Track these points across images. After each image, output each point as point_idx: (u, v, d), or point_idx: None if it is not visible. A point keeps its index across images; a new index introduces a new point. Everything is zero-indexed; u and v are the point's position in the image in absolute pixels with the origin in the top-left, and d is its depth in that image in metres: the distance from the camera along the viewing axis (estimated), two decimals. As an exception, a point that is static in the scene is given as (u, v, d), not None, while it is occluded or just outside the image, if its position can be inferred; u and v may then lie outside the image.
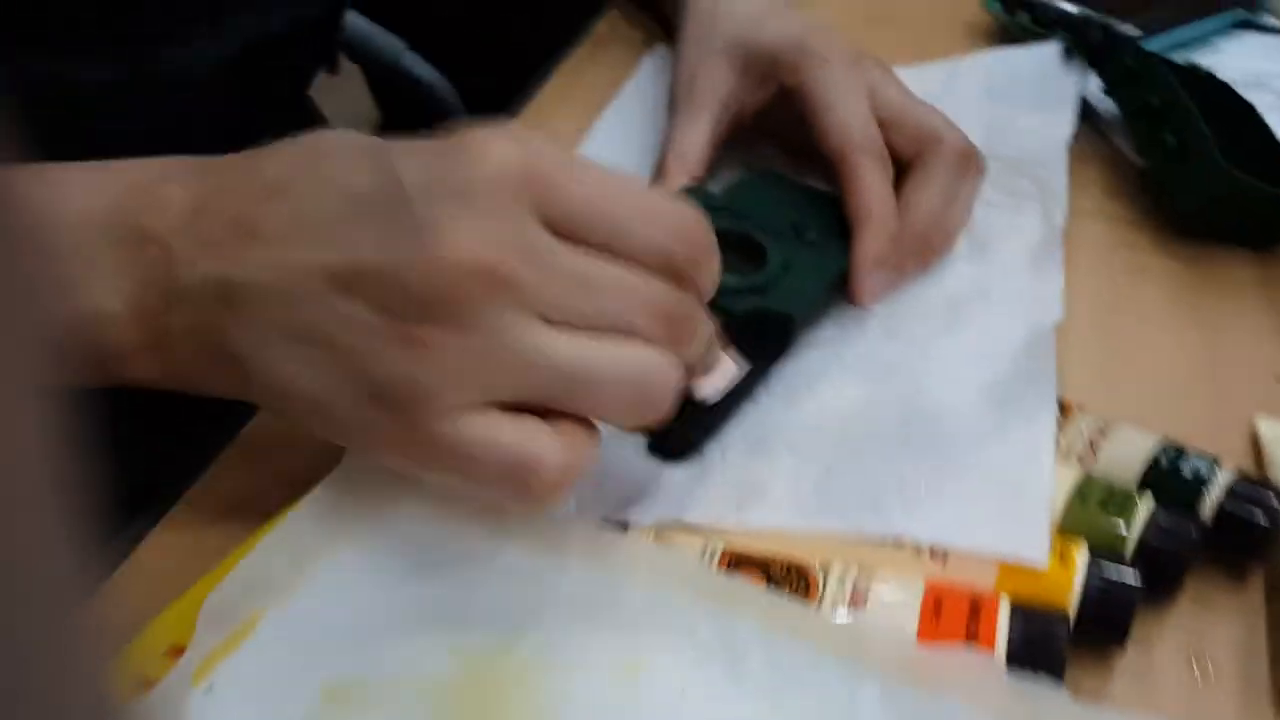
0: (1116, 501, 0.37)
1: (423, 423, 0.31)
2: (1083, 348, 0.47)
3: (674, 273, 0.33)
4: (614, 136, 0.60)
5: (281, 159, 0.33)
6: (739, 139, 0.55)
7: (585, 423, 0.33)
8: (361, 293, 0.30)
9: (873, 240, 0.45)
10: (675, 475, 0.39)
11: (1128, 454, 0.39)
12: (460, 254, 0.29)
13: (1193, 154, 0.52)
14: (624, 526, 0.38)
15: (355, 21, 0.88)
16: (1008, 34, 0.71)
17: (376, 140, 0.33)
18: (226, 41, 0.57)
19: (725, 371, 0.38)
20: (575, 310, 0.31)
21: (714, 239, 0.34)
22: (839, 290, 0.46)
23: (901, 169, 0.48)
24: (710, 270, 0.34)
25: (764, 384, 0.44)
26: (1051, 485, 0.37)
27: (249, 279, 0.32)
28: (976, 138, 0.58)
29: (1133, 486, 0.38)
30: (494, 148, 0.31)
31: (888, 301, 0.48)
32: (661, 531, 0.38)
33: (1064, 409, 0.41)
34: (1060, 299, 0.48)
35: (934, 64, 0.64)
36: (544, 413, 0.32)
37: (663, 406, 0.33)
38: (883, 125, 0.48)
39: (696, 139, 0.52)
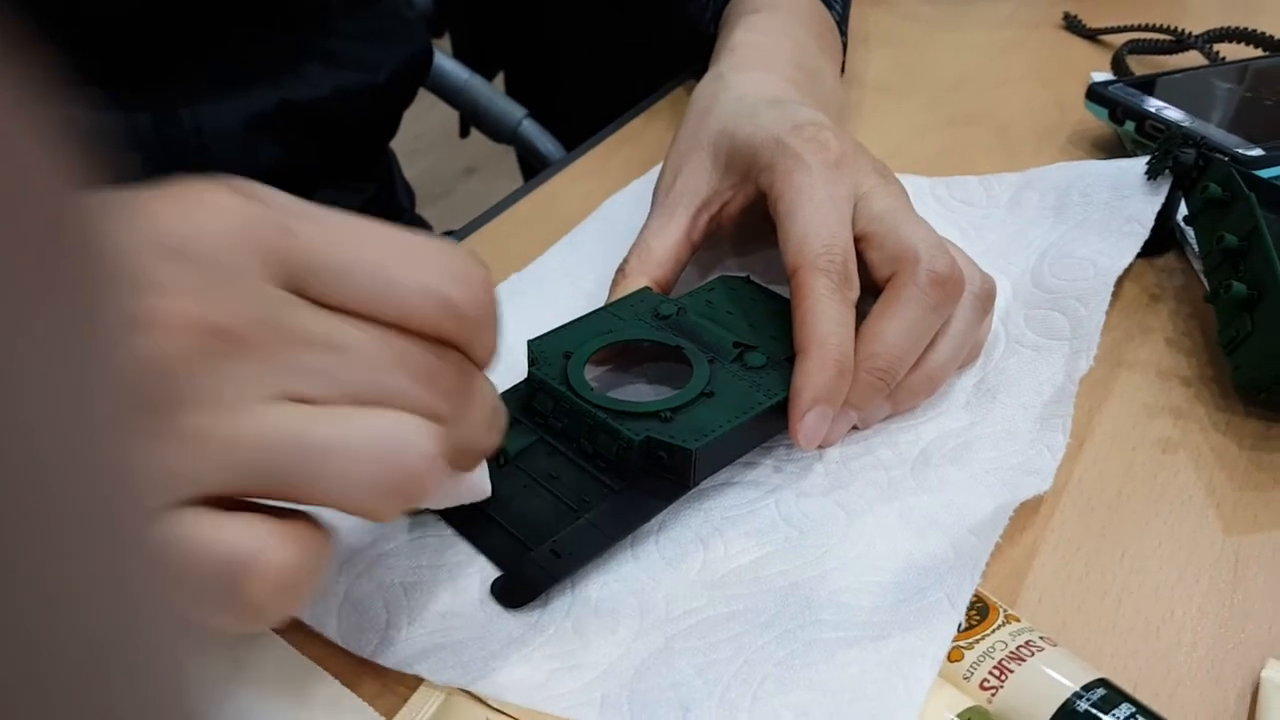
0: (997, 752, 0.29)
1: None
2: (1060, 544, 0.39)
3: (444, 330, 0.28)
4: (615, 219, 0.55)
5: None
6: (735, 240, 0.50)
7: (312, 517, 0.27)
8: None
9: (813, 373, 0.38)
10: (500, 630, 0.34)
11: (1042, 689, 0.31)
12: (174, 316, 0.25)
13: (1262, 310, 0.42)
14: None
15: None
16: (1119, 144, 0.62)
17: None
18: (262, 100, 0.56)
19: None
20: (318, 378, 0.26)
21: (494, 296, 0.29)
22: (779, 426, 0.40)
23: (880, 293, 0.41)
24: (490, 334, 0.29)
25: (654, 525, 0.38)
26: (915, 709, 0.29)
27: None
28: (1029, 261, 0.51)
29: (1033, 734, 0.30)
30: (213, 199, 0.26)
31: (851, 445, 0.41)
32: (450, 694, 0.32)
33: (987, 613, 0.33)
34: (1053, 473, 0.39)
35: (1010, 174, 0.56)
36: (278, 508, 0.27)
37: (415, 487, 0.27)
38: (863, 240, 0.42)
39: (666, 239, 0.46)
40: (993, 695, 0.31)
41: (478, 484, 0.33)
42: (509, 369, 0.42)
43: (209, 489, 0.25)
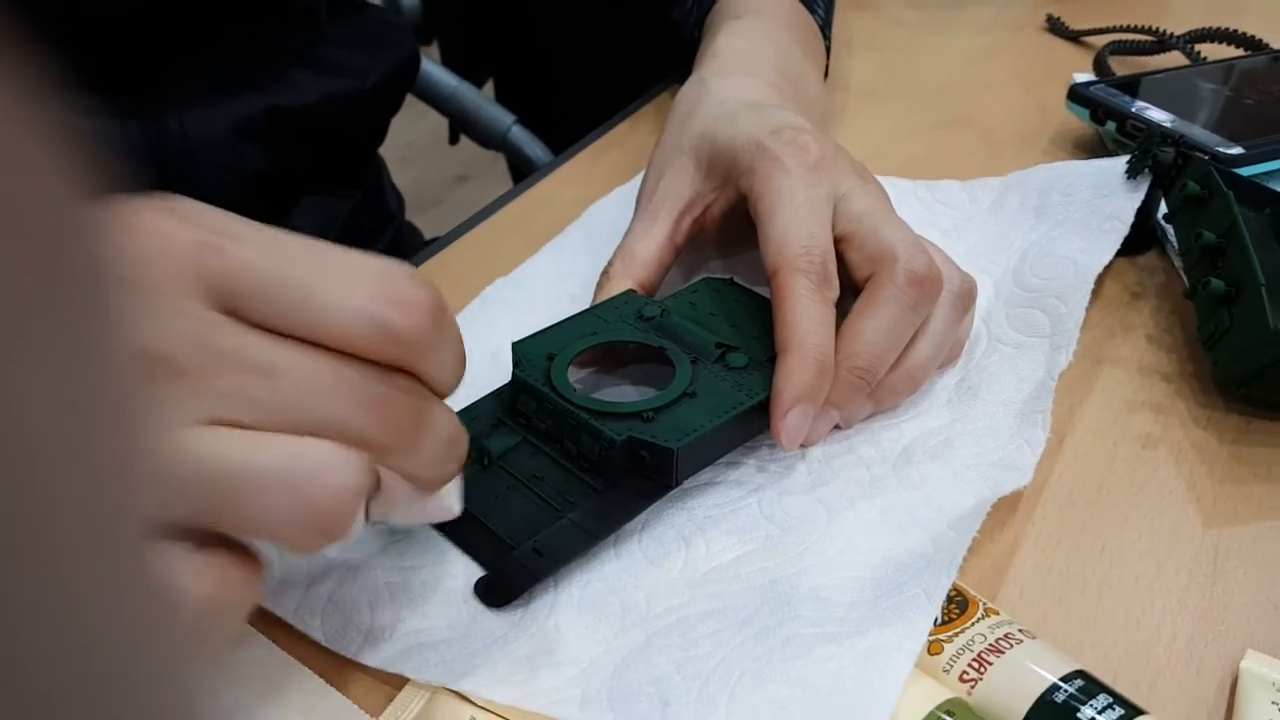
0: (974, 744, 0.29)
1: None
2: (1041, 539, 0.39)
3: (384, 355, 0.27)
4: (601, 223, 0.55)
5: None
6: (719, 243, 0.50)
7: (244, 548, 0.26)
8: None
9: (794, 372, 0.39)
10: (483, 629, 0.34)
11: (1020, 680, 0.31)
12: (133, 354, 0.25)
13: (1240, 305, 0.43)
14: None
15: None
16: (1101, 144, 0.63)
17: None
18: (250, 106, 0.57)
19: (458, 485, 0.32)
20: (248, 403, 0.25)
21: (443, 311, 0.28)
22: (761, 426, 0.40)
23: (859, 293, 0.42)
24: (439, 350, 0.28)
25: (637, 524, 0.38)
26: (891, 703, 0.30)
27: None
28: (1010, 261, 0.51)
29: (1012, 725, 0.30)
30: (147, 218, 0.26)
31: (833, 444, 0.42)
32: (435, 693, 0.32)
33: (967, 606, 0.33)
34: (1033, 467, 0.39)
35: (992, 178, 0.57)
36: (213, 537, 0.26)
37: (330, 520, 0.26)
38: (843, 241, 0.42)
39: (650, 242, 0.46)
40: (972, 687, 0.31)
41: (445, 504, 0.32)
42: (494, 371, 0.42)
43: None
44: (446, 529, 0.37)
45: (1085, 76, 0.69)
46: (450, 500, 0.32)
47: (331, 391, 0.26)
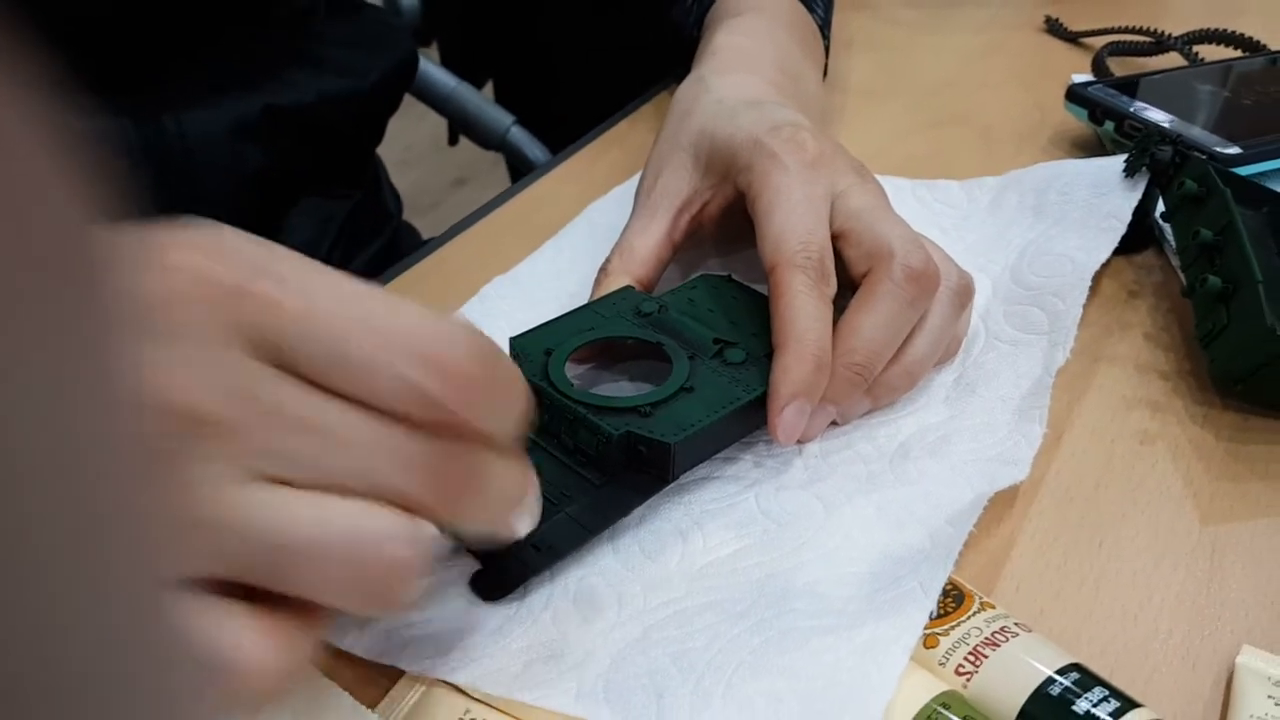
0: (970, 736, 0.29)
1: None
2: (1038, 534, 0.39)
3: (431, 416, 0.25)
4: (599, 222, 0.55)
5: None
6: (717, 240, 0.50)
7: (307, 607, 0.25)
8: None
9: (791, 368, 0.39)
10: (479, 622, 0.34)
11: (1016, 674, 0.31)
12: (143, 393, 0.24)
13: (1237, 302, 0.43)
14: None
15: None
16: (1099, 144, 0.63)
17: None
18: (249, 105, 0.57)
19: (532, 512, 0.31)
20: (296, 461, 0.24)
21: (492, 364, 0.26)
22: (758, 422, 0.40)
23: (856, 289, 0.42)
24: (488, 407, 0.25)
25: (634, 519, 0.38)
26: (887, 695, 0.29)
27: None
28: (1009, 260, 0.51)
29: (1008, 719, 0.30)
30: (178, 256, 0.24)
31: (830, 439, 0.42)
32: (431, 685, 0.32)
33: (963, 600, 0.33)
34: (1030, 462, 0.39)
35: (991, 178, 0.57)
36: (265, 595, 0.24)
37: (393, 589, 0.25)
38: (840, 238, 0.42)
39: (648, 239, 0.46)
40: (968, 680, 0.31)
41: (512, 525, 0.29)
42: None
43: (192, 572, 0.23)
44: None
45: (1083, 77, 0.69)
46: (519, 523, 0.29)
47: (377, 453, 0.25)
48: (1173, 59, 0.71)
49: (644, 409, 0.38)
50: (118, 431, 0.10)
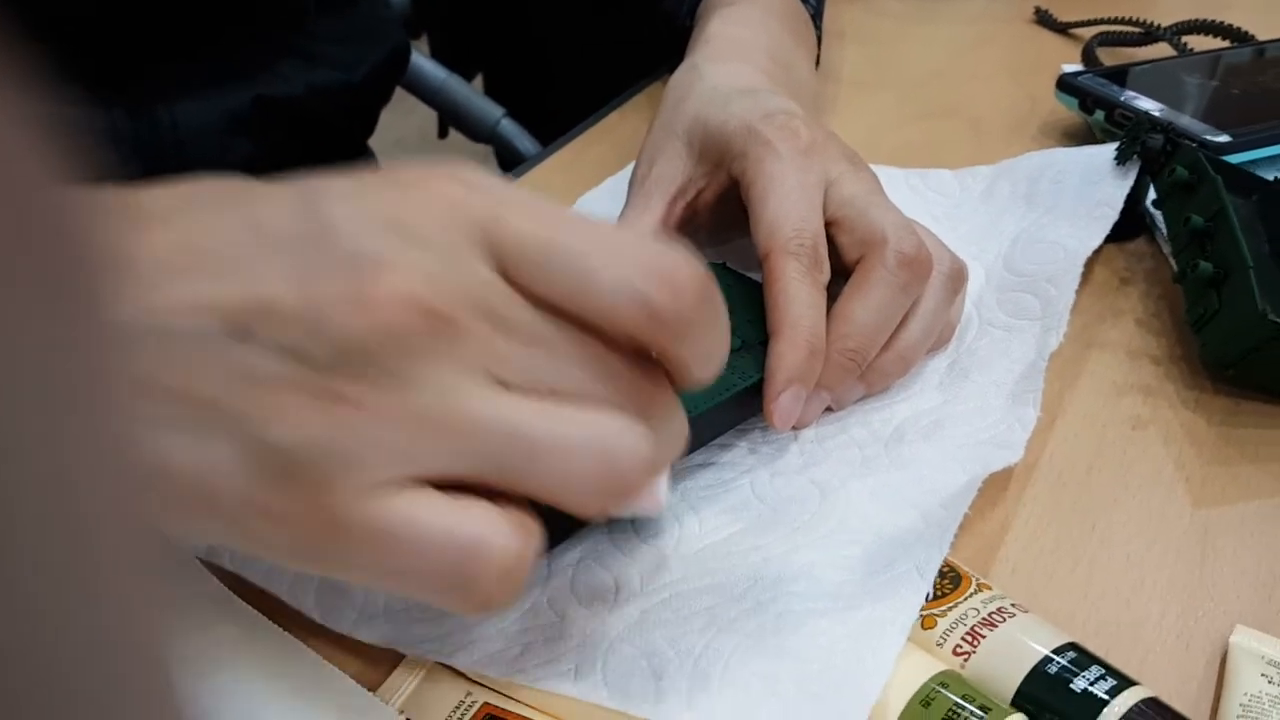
0: (969, 715, 0.29)
1: (336, 503, 0.24)
2: (1032, 518, 0.39)
3: (642, 333, 0.26)
4: (592, 213, 0.55)
5: (163, 190, 0.27)
6: (711, 228, 0.50)
7: (530, 506, 0.26)
8: (265, 337, 0.24)
9: (786, 355, 0.39)
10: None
11: (1013, 653, 0.31)
12: (399, 292, 0.24)
13: (1229, 288, 0.43)
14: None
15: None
16: (1089, 134, 0.63)
17: (298, 181, 0.27)
18: (240, 98, 0.57)
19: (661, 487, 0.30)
20: (532, 372, 0.25)
21: (714, 300, 0.27)
22: (754, 408, 0.40)
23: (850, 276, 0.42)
24: (703, 337, 0.27)
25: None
26: (883, 676, 0.30)
27: None
28: (1001, 247, 0.51)
29: (1006, 698, 0.30)
30: (438, 184, 0.26)
31: (826, 425, 0.42)
32: (432, 669, 0.32)
33: (960, 582, 0.34)
34: (1024, 445, 0.40)
35: (984, 167, 0.57)
36: (484, 493, 0.25)
37: (632, 486, 0.26)
38: (833, 225, 0.42)
39: (642, 227, 0.46)
40: (965, 660, 0.31)
41: (657, 497, 0.29)
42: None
43: (425, 471, 0.24)
44: None
45: (1073, 67, 0.69)
46: (661, 492, 0.29)
47: (591, 367, 0.26)
48: (1162, 49, 0.72)
49: (640, 395, 0.38)
50: (106, 434, 0.10)
